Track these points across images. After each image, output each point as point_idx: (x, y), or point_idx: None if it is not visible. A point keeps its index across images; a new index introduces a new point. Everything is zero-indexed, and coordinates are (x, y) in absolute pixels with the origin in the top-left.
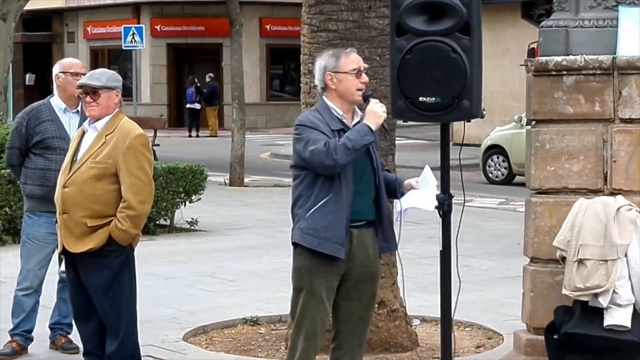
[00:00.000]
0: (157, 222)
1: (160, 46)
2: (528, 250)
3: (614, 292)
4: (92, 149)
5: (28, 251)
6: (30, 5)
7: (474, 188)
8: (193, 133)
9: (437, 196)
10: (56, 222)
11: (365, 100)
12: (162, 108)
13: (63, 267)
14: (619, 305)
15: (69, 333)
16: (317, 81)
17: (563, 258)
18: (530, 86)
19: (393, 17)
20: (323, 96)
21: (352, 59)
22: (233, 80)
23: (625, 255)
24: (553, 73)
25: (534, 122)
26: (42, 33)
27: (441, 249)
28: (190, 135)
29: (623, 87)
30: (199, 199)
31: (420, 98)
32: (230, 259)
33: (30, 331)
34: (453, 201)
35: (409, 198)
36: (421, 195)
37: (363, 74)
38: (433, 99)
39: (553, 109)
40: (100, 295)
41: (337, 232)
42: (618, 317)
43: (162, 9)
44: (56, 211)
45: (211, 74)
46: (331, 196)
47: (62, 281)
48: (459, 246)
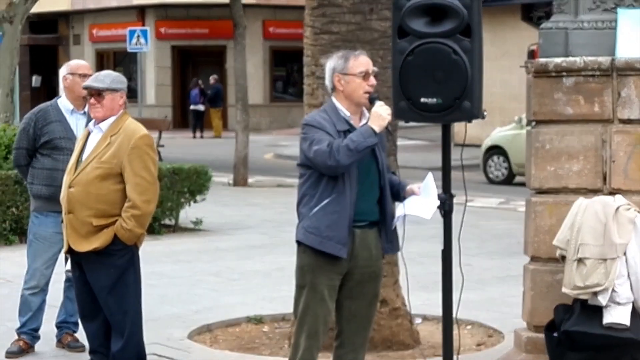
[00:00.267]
0: (162, 222)
1: (164, 48)
2: (528, 249)
3: (613, 291)
4: (98, 150)
5: (35, 250)
6: (36, 8)
7: (475, 188)
8: (197, 134)
9: (439, 195)
10: (62, 222)
11: (371, 102)
12: (167, 109)
13: (69, 267)
14: (618, 303)
15: (75, 332)
16: (327, 82)
17: (563, 257)
18: (530, 87)
19: (395, 19)
20: (332, 97)
21: (361, 62)
22: (237, 82)
23: (624, 254)
24: (553, 74)
25: (534, 123)
26: (48, 35)
27: (443, 248)
28: (194, 136)
29: (622, 88)
30: (204, 199)
31: (421, 99)
32: (234, 259)
33: (36, 330)
34: (454, 201)
35: (409, 204)
36: (421, 202)
37: (371, 77)
38: (434, 100)
39: (553, 110)
40: (105, 294)
41: (340, 232)
42: (617, 315)
43: (167, 12)
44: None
45: (215, 76)
46: (335, 196)
47: (69, 280)
48: (460, 245)
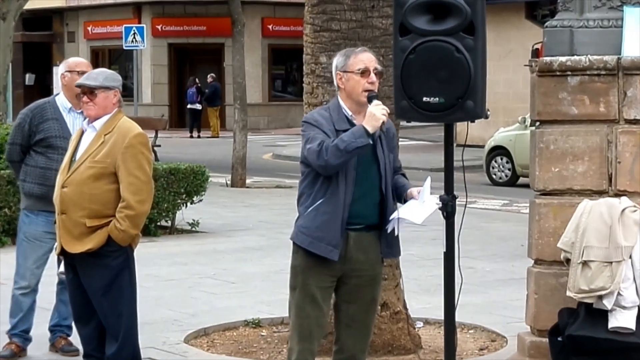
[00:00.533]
0: (158, 224)
1: (161, 46)
2: (532, 252)
3: (619, 294)
4: (91, 149)
5: (25, 249)
6: (30, 4)
7: (478, 189)
8: (194, 134)
9: (441, 197)
10: (55, 223)
11: (369, 101)
12: (163, 108)
13: (62, 269)
14: (624, 307)
15: (69, 335)
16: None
17: (567, 260)
18: (534, 87)
19: (396, 17)
20: (337, 95)
21: (360, 59)
22: (235, 80)
23: (629, 257)
24: (557, 73)
25: (538, 123)
26: (42, 33)
27: (445, 251)
28: (191, 136)
29: (628, 88)
30: (201, 200)
31: (424, 98)
32: (231, 261)
33: (28, 331)
34: (456, 202)
35: (403, 208)
36: (415, 206)
37: (372, 75)
38: (437, 99)
39: (557, 110)
40: (99, 296)
41: (331, 233)
42: (622, 320)
43: (164, 9)
44: (54, 211)
45: (213, 74)
46: (328, 197)
47: (62, 283)
48: (463, 248)
